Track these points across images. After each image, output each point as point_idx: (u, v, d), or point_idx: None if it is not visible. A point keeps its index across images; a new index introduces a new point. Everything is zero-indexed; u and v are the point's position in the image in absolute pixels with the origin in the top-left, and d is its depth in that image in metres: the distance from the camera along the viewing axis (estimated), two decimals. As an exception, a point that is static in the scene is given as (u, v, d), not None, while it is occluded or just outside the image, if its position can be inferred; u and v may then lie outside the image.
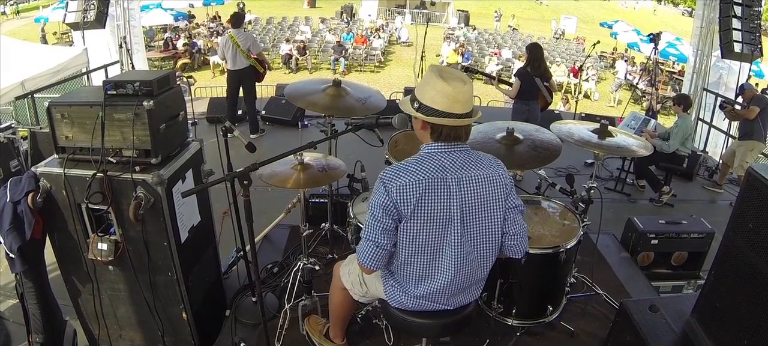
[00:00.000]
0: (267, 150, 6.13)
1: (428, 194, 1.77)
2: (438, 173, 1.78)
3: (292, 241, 3.83)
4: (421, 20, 22.40)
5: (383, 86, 15.04)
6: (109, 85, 2.25)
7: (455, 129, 1.79)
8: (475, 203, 1.82)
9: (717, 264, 1.98)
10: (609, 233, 4.08)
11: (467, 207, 1.82)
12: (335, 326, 2.58)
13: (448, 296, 1.95)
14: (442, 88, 1.76)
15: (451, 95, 1.75)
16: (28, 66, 7.32)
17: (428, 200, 1.77)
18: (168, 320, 2.64)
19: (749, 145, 5.72)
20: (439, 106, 1.76)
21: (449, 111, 1.76)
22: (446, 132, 1.79)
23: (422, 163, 1.81)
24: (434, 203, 1.78)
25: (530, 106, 5.29)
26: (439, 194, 1.78)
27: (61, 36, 19.15)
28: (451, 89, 1.75)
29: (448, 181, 1.79)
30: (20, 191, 2.26)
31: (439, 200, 1.78)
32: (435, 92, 1.77)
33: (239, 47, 6.22)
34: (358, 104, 3.15)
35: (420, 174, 1.77)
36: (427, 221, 1.79)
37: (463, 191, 1.80)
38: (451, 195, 1.79)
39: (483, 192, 1.83)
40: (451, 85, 1.75)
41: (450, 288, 1.92)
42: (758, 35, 6.86)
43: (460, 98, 1.76)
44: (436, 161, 1.80)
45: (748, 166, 1.81)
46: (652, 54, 8.61)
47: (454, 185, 1.79)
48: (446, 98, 1.75)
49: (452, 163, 1.81)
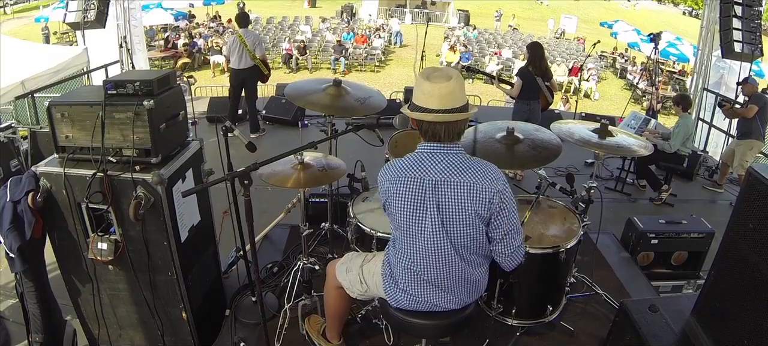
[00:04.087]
0: (267, 150, 6.12)
1: (401, 188, 1.86)
2: (416, 172, 1.85)
3: (292, 241, 3.83)
4: (421, 20, 22.39)
5: (383, 86, 15.03)
6: (110, 84, 2.25)
7: (433, 125, 1.84)
8: (452, 207, 1.84)
9: (717, 264, 1.98)
10: (609, 232, 4.08)
11: (446, 210, 1.84)
12: (331, 326, 2.58)
13: (439, 295, 1.97)
14: (421, 84, 1.84)
15: (428, 91, 1.82)
16: (28, 66, 7.34)
17: (401, 194, 1.86)
18: (168, 320, 2.64)
19: (748, 144, 5.71)
20: (419, 103, 1.84)
21: (424, 106, 1.82)
22: (425, 127, 1.86)
23: (407, 159, 1.90)
24: (406, 198, 1.86)
25: (532, 105, 5.29)
26: (413, 190, 1.85)
27: (62, 36, 19.17)
28: (428, 85, 1.82)
29: (424, 181, 1.84)
30: (20, 190, 2.26)
31: (412, 196, 1.85)
32: (417, 89, 1.87)
33: (247, 47, 6.24)
34: (358, 104, 3.14)
35: (400, 170, 1.87)
36: (400, 213, 1.88)
37: (439, 193, 1.83)
38: (426, 195, 1.84)
39: (461, 199, 1.82)
40: (432, 81, 1.82)
41: (438, 285, 1.95)
42: (758, 35, 6.86)
43: (435, 93, 1.81)
44: (418, 160, 1.87)
45: (749, 167, 1.81)
46: (653, 54, 8.60)
47: (429, 186, 1.83)
48: (424, 94, 1.83)
49: (433, 165, 1.84)
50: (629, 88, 16.74)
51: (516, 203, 1.91)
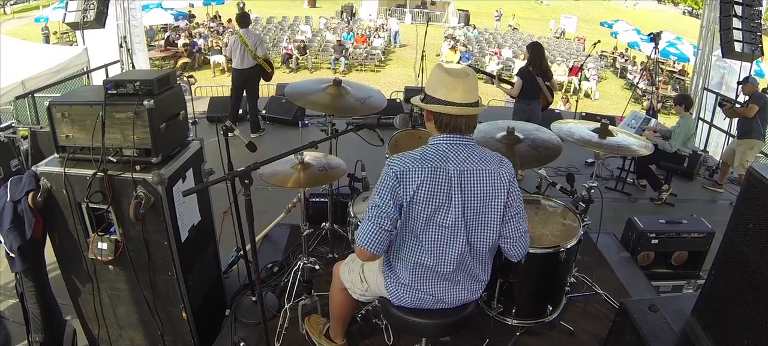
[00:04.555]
0: (267, 149, 6.13)
1: (429, 180, 1.82)
2: (440, 163, 1.83)
3: (292, 240, 3.83)
4: (422, 20, 22.38)
5: (383, 86, 15.01)
6: (110, 84, 2.25)
7: (454, 118, 1.84)
8: (476, 196, 1.85)
9: (717, 264, 1.97)
10: (609, 232, 4.08)
11: (469, 200, 1.85)
12: (335, 326, 2.58)
13: (446, 287, 1.97)
14: (443, 78, 1.83)
15: (451, 84, 1.82)
16: (28, 65, 7.33)
17: (428, 187, 1.82)
18: (168, 320, 2.64)
19: (749, 143, 5.71)
20: (439, 95, 1.83)
21: (447, 99, 1.82)
22: (446, 120, 1.85)
23: (426, 152, 1.87)
24: (434, 190, 1.82)
25: (532, 105, 5.29)
26: (440, 181, 1.82)
27: (62, 36, 19.17)
28: (450, 79, 1.82)
29: (449, 171, 1.83)
30: (20, 190, 2.26)
31: (439, 187, 1.82)
32: (437, 82, 1.85)
33: (248, 47, 6.24)
34: (358, 104, 3.14)
35: (423, 162, 1.83)
36: (425, 207, 1.83)
37: (464, 183, 1.83)
38: (452, 185, 1.83)
39: (485, 187, 1.86)
40: (453, 76, 1.83)
41: (448, 277, 1.95)
42: (759, 35, 6.86)
43: (459, 87, 1.82)
44: (439, 151, 1.85)
45: (749, 166, 1.81)
46: (653, 53, 8.60)
47: (455, 176, 1.83)
48: (445, 87, 1.83)
49: (456, 155, 1.84)
50: (629, 87, 16.74)
51: None
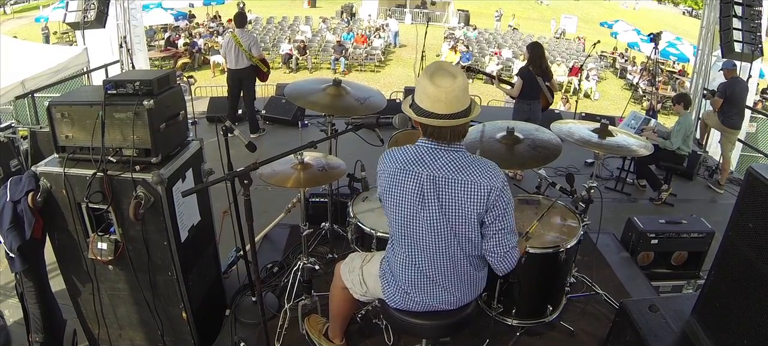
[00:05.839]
0: (267, 149, 6.13)
1: (399, 180, 1.85)
2: (414, 166, 1.84)
3: (292, 240, 3.83)
4: (421, 20, 22.38)
5: (383, 86, 15.03)
6: (110, 84, 2.25)
7: (439, 129, 1.81)
8: (452, 204, 1.82)
9: (717, 264, 1.97)
10: (609, 232, 4.08)
11: (447, 207, 1.83)
12: (335, 326, 2.58)
13: (435, 291, 1.97)
14: (426, 87, 1.78)
15: (433, 95, 1.77)
16: (28, 65, 7.32)
17: (398, 185, 1.85)
18: (168, 320, 2.64)
19: (726, 135, 5.97)
20: (424, 106, 1.80)
21: (431, 111, 1.78)
22: (430, 130, 1.83)
23: (406, 152, 1.87)
24: (403, 190, 1.85)
25: (532, 105, 5.29)
26: (407, 182, 1.84)
27: (62, 36, 19.17)
28: (433, 89, 1.77)
29: (421, 175, 1.82)
30: (20, 190, 2.26)
31: (406, 187, 1.84)
32: (422, 92, 1.81)
33: (242, 47, 6.24)
34: (358, 104, 3.14)
35: (398, 162, 1.86)
36: (396, 206, 1.88)
37: (439, 189, 1.82)
38: (424, 189, 1.83)
39: (459, 196, 1.81)
40: (436, 84, 1.77)
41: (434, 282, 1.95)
42: (758, 35, 6.85)
43: (442, 98, 1.76)
44: (418, 154, 1.85)
45: (749, 167, 1.81)
46: (653, 54, 8.60)
47: (427, 181, 1.82)
48: (428, 98, 1.78)
49: (433, 161, 1.83)
50: (629, 88, 16.75)
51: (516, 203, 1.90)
